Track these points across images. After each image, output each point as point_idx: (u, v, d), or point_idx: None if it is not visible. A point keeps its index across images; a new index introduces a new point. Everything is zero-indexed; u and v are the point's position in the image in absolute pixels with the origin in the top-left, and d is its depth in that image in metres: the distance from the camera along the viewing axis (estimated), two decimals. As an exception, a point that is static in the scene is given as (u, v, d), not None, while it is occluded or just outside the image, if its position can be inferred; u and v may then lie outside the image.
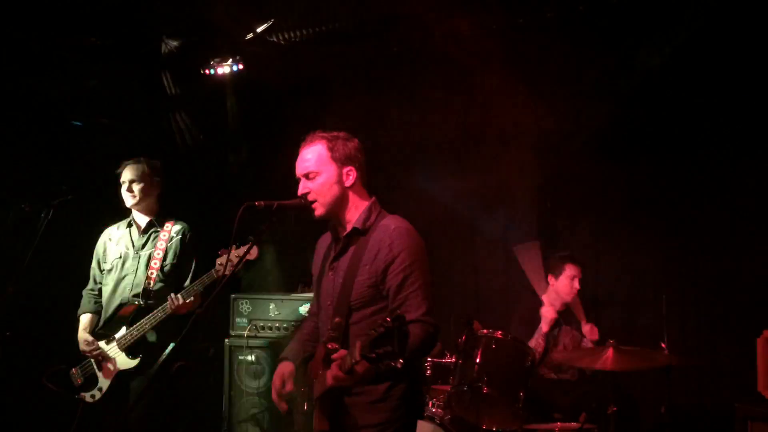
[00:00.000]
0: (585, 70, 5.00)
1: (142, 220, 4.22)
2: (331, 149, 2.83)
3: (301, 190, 2.84)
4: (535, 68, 5.09)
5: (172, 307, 3.89)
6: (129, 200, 4.16)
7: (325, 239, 3.04)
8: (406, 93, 5.49)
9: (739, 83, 4.54)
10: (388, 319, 2.35)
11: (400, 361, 2.37)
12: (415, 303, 2.69)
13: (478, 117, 5.37)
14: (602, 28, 4.86)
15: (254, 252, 3.63)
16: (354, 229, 2.84)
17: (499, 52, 5.01)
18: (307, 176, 2.83)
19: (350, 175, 2.85)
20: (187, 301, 3.90)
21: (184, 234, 4.19)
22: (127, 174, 4.16)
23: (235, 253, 3.63)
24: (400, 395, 2.74)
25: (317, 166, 2.82)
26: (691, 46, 4.61)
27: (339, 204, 2.84)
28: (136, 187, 4.14)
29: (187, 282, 4.06)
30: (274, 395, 2.87)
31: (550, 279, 4.81)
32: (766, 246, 4.57)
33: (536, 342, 4.59)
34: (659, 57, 4.71)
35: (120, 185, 4.20)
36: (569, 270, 4.71)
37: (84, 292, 4.28)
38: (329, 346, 2.64)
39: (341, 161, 2.83)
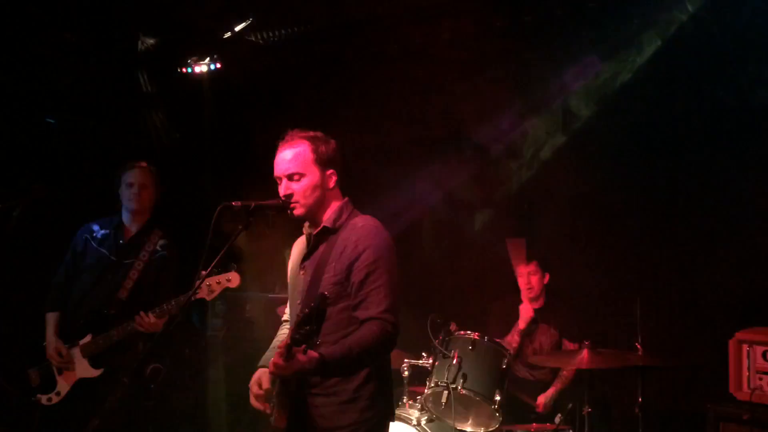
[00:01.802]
0: (563, 73, 5.04)
1: (133, 226, 4.07)
2: (315, 151, 2.81)
3: (283, 191, 2.81)
4: (514, 70, 5.13)
5: (140, 325, 3.75)
6: (133, 204, 4.01)
7: (299, 242, 3.04)
8: (386, 93, 5.49)
9: (717, 88, 4.61)
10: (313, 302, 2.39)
11: (317, 341, 2.38)
12: (376, 300, 2.67)
13: (457, 118, 5.39)
14: (580, 31, 4.91)
15: (235, 280, 3.60)
16: (324, 227, 2.84)
17: (478, 53, 5.03)
18: (290, 177, 2.81)
19: (332, 179, 2.85)
20: (159, 321, 3.75)
21: (168, 250, 4.05)
22: (138, 177, 4.01)
23: (216, 279, 3.56)
24: (369, 396, 2.72)
25: (301, 168, 2.80)
26: (669, 52, 4.67)
27: (319, 206, 2.84)
28: (145, 193, 4.02)
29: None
30: (252, 400, 2.81)
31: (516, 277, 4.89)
32: (738, 249, 4.64)
33: (512, 337, 4.66)
34: (639, 60, 4.78)
35: (121, 184, 4.03)
36: (519, 268, 4.78)
37: (53, 285, 4.07)
38: None
39: (324, 164, 2.83)
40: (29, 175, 4.83)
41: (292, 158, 2.80)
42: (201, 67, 5.69)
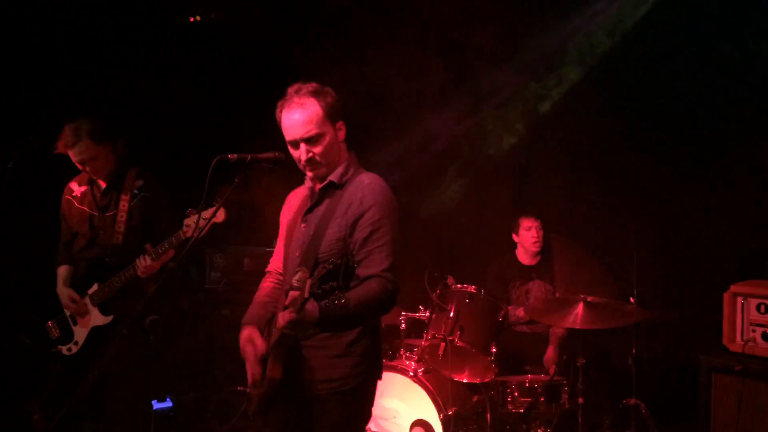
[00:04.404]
0: (560, 30, 4.97)
1: (102, 182, 4.07)
2: (324, 107, 2.72)
3: (304, 155, 2.72)
4: (511, 27, 5.06)
5: (141, 269, 3.81)
6: (92, 176, 4.00)
7: (298, 193, 3.01)
8: (385, 46, 5.41)
9: (709, 45, 4.55)
10: (338, 258, 2.36)
11: (344, 296, 2.37)
12: (378, 258, 2.65)
13: (454, 74, 5.33)
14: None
15: (221, 215, 3.59)
16: (330, 182, 2.80)
17: (476, 10, 4.95)
18: (308, 140, 2.71)
19: (342, 130, 2.80)
20: (156, 263, 3.80)
21: (147, 191, 4.02)
22: (75, 156, 3.89)
23: (204, 215, 3.54)
24: (361, 351, 2.73)
25: (319, 127, 2.71)
26: (672, 2, 4.60)
27: (337, 161, 2.80)
28: (92, 165, 3.93)
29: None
30: (250, 360, 2.75)
31: (514, 237, 4.91)
32: (734, 203, 4.65)
33: (519, 311, 4.69)
34: (634, 18, 4.71)
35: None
36: (524, 222, 4.80)
37: (59, 246, 4.18)
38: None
39: (334, 118, 2.76)
40: (23, 128, 4.78)
41: (307, 120, 2.69)
42: (195, 18, 5.61)
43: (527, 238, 4.79)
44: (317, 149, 2.72)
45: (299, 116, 2.70)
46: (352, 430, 2.79)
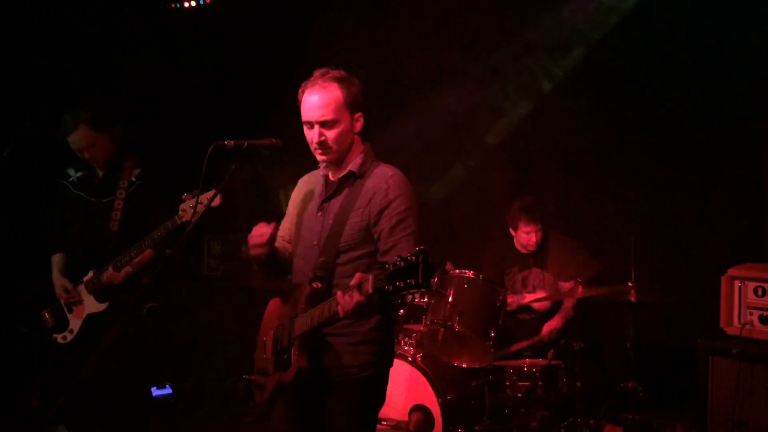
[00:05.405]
0: (559, 10, 4.95)
1: (101, 170, 4.04)
2: (345, 95, 2.72)
3: (316, 138, 2.72)
4: (511, 7, 5.03)
5: (139, 255, 3.79)
6: (90, 163, 3.97)
7: (311, 178, 3.00)
8: (383, 29, 5.38)
9: (708, 30, 4.53)
10: (408, 255, 2.28)
11: (425, 296, 2.30)
12: (407, 247, 2.65)
13: (454, 56, 5.31)
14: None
15: (218, 199, 3.58)
16: (350, 172, 2.81)
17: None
18: (323, 124, 2.72)
19: (359, 121, 2.80)
20: (151, 251, 3.79)
21: (144, 179, 4.01)
22: (79, 141, 3.88)
23: (201, 199, 3.53)
24: (379, 340, 2.76)
25: (336, 113, 2.71)
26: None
27: (348, 150, 2.80)
28: (89, 152, 3.92)
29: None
30: (255, 241, 2.83)
31: (511, 231, 4.82)
32: (731, 187, 4.65)
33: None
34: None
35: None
36: (523, 226, 4.70)
37: (53, 232, 4.15)
38: (314, 285, 2.66)
39: (354, 107, 2.76)
40: (18, 115, 4.76)
41: (326, 103, 2.70)
42: (190, 3, 5.56)
43: (525, 239, 4.71)
44: (330, 134, 2.72)
45: (319, 99, 2.71)
46: (367, 416, 2.82)
